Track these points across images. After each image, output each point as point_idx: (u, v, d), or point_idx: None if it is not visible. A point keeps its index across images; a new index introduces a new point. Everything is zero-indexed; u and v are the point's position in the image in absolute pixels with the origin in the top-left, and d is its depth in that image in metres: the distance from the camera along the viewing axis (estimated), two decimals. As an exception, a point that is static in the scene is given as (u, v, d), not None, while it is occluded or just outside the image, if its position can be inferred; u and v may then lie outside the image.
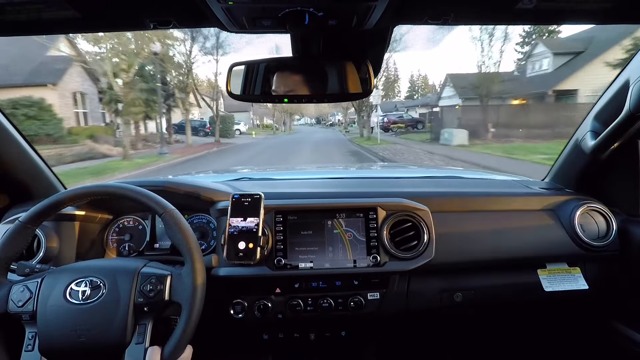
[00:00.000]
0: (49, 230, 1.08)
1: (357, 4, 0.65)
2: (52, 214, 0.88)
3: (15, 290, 0.79)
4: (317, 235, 1.09)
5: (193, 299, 0.78)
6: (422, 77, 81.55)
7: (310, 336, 1.17)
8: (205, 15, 0.70)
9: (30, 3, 0.65)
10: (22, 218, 0.84)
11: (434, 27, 0.88)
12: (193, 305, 0.78)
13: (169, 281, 0.81)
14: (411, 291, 1.14)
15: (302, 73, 0.90)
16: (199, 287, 0.79)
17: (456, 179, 1.67)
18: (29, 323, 0.78)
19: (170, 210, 0.85)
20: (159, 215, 0.86)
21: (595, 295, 1.21)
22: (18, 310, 0.78)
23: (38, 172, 1.27)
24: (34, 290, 0.79)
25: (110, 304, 0.78)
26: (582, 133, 1.25)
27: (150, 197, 0.87)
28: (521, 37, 31.02)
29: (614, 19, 0.76)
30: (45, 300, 0.78)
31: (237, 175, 1.57)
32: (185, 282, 0.80)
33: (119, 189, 0.89)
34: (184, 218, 0.87)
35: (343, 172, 2.08)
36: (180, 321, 0.78)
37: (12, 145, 1.18)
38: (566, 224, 1.19)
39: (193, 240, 0.84)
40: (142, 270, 0.82)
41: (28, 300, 0.78)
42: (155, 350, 0.76)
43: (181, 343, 0.77)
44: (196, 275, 0.80)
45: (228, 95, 0.92)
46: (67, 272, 0.83)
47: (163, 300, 0.80)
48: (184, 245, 0.82)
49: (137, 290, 0.80)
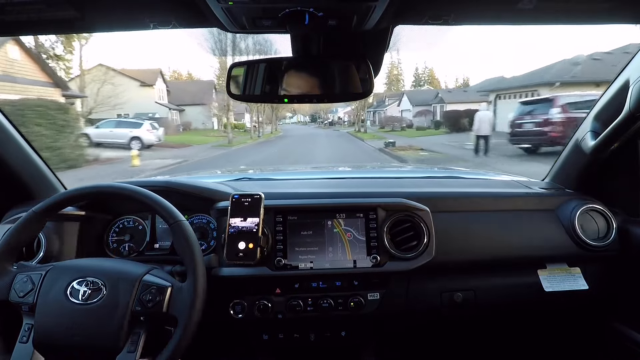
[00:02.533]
0: (49, 230, 1.08)
1: (357, 4, 0.65)
2: (65, 207, 0.91)
3: (18, 279, 0.80)
4: (317, 236, 1.09)
5: (190, 315, 0.78)
6: (429, 70, 78.94)
7: (310, 336, 1.17)
8: (205, 16, 0.70)
9: (30, 3, 0.66)
10: (36, 208, 0.86)
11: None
12: (189, 321, 0.78)
13: (169, 293, 0.81)
14: (411, 291, 1.14)
15: (302, 73, 0.90)
16: (198, 304, 0.79)
17: (456, 179, 1.67)
18: (27, 314, 0.79)
19: (181, 222, 0.86)
20: (169, 224, 0.86)
21: (595, 295, 1.21)
22: (19, 300, 0.79)
23: (38, 172, 1.27)
24: (37, 283, 0.80)
25: (109, 308, 0.78)
26: (582, 133, 1.25)
27: (162, 206, 0.88)
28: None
29: (613, 19, 0.77)
30: (46, 294, 0.79)
31: (237, 175, 1.57)
32: (185, 297, 0.80)
33: (134, 193, 0.90)
34: (185, 218, 0.87)
35: (343, 172, 2.08)
36: (175, 335, 0.78)
37: (12, 145, 1.18)
38: (566, 224, 1.19)
39: (199, 254, 0.84)
40: (144, 278, 0.83)
41: (30, 292, 0.79)
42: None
43: (173, 356, 0.77)
44: (197, 291, 0.80)
45: (228, 95, 0.92)
46: (71, 269, 0.83)
47: (161, 312, 0.80)
48: (189, 258, 0.83)
49: (137, 299, 0.80)
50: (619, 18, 0.76)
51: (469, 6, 0.73)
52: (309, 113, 74.72)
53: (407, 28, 0.81)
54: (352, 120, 44.99)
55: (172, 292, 0.81)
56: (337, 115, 60.91)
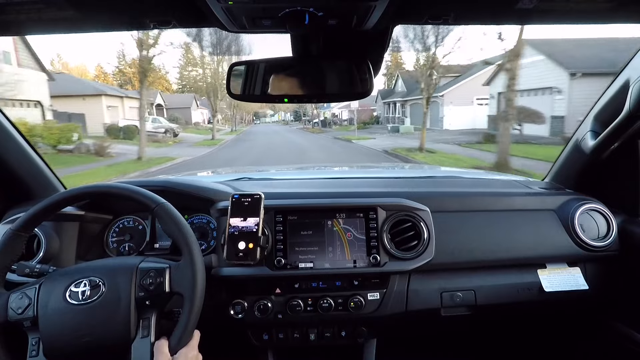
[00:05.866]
0: (49, 230, 1.08)
1: (357, 4, 0.66)
2: (42, 220, 0.88)
3: (13, 298, 0.79)
4: (317, 235, 1.09)
5: (194, 287, 0.78)
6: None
7: (310, 336, 1.17)
8: (205, 15, 0.70)
9: (30, 3, 0.65)
10: (13, 226, 0.83)
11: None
12: (195, 292, 0.78)
13: (168, 273, 0.81)
14: (411, 291, 1.14)
15: (302, 73, 0.90)
16: (199, 275, 0.79)
17: (456, 179, 1.67)
18: (30, 329, 0.77)
19: (162, 204, 0.85)
20: (151, 210, 0.85)
21: (596, 295, 1.21)
22: (19, 317, 0.77)
23: (38, 172, 1.27)
24: (33, 296, 0.78)
25: (111, 301, 0.78)
26: (582, 133, 1.25)
27: (139, 193, 0.87)
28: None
29: (613, 19, 0.77)
30: (45, 304, 0.78)
31: (237, 175, 1.57)
32: (185, 272, 0.80)
33: (107, 188, 0.89)
34: (184, 218, 0.87)
35: (343, 172, 2.08)
36: (184, 310, 0.78)
37: (12, 145, 1.18)
38: (566, 224, 1.19)
39: (188, 230, 0.83)
40: (140, 265, 0.82)
41: (28, 307, 0.78)
42: (162, 342, 0.76)
43: (187, 331, 0.77)
44: (195, 263, 0.80)
45: (228, 95, 0.92)
46: (65, 275, 0.82)
47: (164, 292, 0.80)
48: (180, 236, 0.82)
49: (137, 285, 0.79)
50: (619, 18, 0.76)
51: (469, 6, 0.73)
52: (290, 110, 59.91)
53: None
54: (361, 119, 31.70)
55: (171, 271, 0.81)
56: (330, 112, 43.51)
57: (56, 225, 1.10)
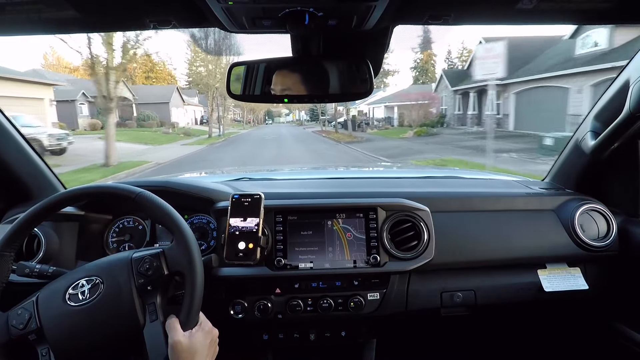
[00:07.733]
0: (49, 230, 1.08)
1: (357, 4, 0.65)
2: (25, 235, 0.86)
3: (12, 315, 0.78)
4: (317, 236, 1.09)
5: (191, 262, 0.78)
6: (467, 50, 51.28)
7: (310, 336, 1.17)
8: (205, 15, 0.70)
9: (30, 3, 0.65)
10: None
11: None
12: (194, 266, 0.78)
13: (164, 256, 0.81)
14: (411, 291, 1.14)
15: (302, 73, 0.90)
16: (194, 249, 0.79)
17: (456, 179, 1.66)
18: (37, 342, 0.76)
19: (141, 192, 0.85)
20: (132, 199, 0.85)
21: (596, 295, 1.21)
22: (22, 332, 0.76)
23: (38, 172, 1.27)
24: (32, 309, 0.78)
25: (113, 294, 0.78)
26: (582, 133, 1.25)
27: (117, 187, 0.87)
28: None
29: (613, 19, 0.77)
30: (47, 312, 0.77)
31: (236, 175, 1.57)
32: (180, 251, 0.80)
33: (83, 190, 0.87)
34: (184, 219, 0.87)
35: (343, 172, 2.08)
36: (187, 287, 0.78)
37: (12, 145, 1.18)
38: (566, 224, 1.19)
39: (172, 211, 0.83)
40: (133, 256, 0.83)
41: (29, 320, 0.77)
42: (172, 320, 0.76)
43: (194, 307, 0.77)
44: (187, 239, 0.80)
45: (228, 95, 0.92)
46: (60, 281, 0.82)
47: (163, 274, 0.80)
48: (166, 217, 0.82)
49: (135, 274, 0.79)
50: (619, 18, 0.76)
51: (469, 6, 0.72)
52: (306, 109, 53.18)
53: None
54: (412, 118, 21.55)
55: (166, 254, 0.82)
56: (356, 109, 34.36)
57: (56, 225, 1.10)
